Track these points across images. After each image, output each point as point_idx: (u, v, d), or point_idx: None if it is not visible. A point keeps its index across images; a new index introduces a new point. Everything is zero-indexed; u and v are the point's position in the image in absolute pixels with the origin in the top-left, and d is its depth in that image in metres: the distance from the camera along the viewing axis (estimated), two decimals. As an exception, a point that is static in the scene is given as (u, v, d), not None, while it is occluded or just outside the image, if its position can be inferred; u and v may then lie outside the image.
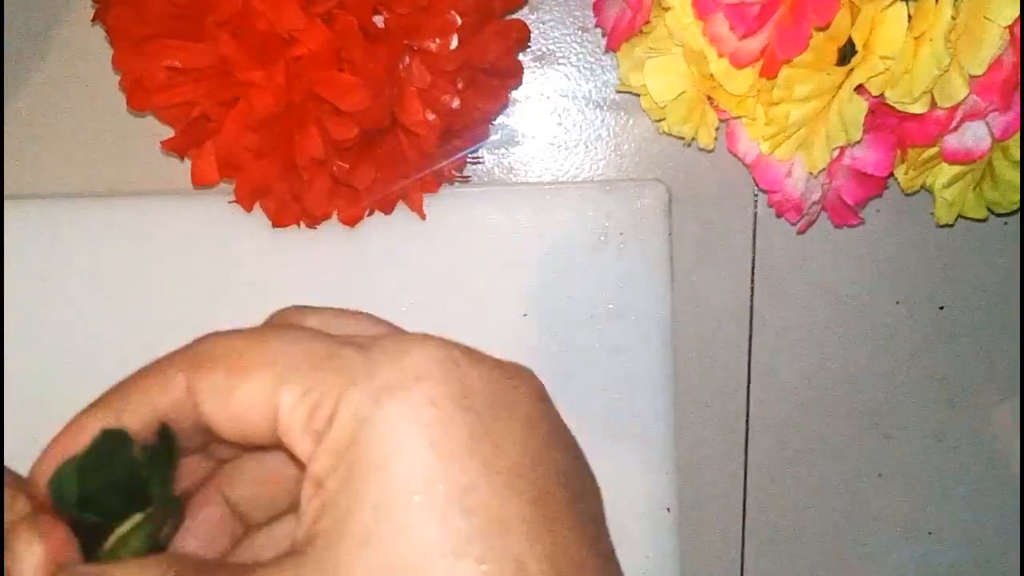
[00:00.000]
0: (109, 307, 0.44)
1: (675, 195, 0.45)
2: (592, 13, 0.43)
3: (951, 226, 0.44)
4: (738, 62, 0.37)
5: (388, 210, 0.43)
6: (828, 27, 0.35)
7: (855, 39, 0.35)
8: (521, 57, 0.44)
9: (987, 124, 0.38)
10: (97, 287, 0.44)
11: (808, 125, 0.38)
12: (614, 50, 0.42)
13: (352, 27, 0.36)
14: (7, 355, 0.44)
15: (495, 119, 0.44)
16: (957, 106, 0.37)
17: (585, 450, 0.24)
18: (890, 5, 0.34)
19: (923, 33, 0.35)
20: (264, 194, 0.41)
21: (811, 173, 0.40)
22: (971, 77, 0.35)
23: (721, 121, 0.41)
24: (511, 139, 0.45)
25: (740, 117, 0.40)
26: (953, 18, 0.34)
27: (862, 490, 0.47)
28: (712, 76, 0.38)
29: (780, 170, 0.40)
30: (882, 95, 0.36)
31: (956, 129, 0.38)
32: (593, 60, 0.45)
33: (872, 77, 0.36)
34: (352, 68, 0.37)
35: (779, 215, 0.42)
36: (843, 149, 0.39)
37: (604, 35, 0.42)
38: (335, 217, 0.43)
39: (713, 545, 0.47)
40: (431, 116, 0.39)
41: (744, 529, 0.47)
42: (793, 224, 0.42)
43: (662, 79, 0.40)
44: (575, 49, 0.45)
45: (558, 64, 0.45)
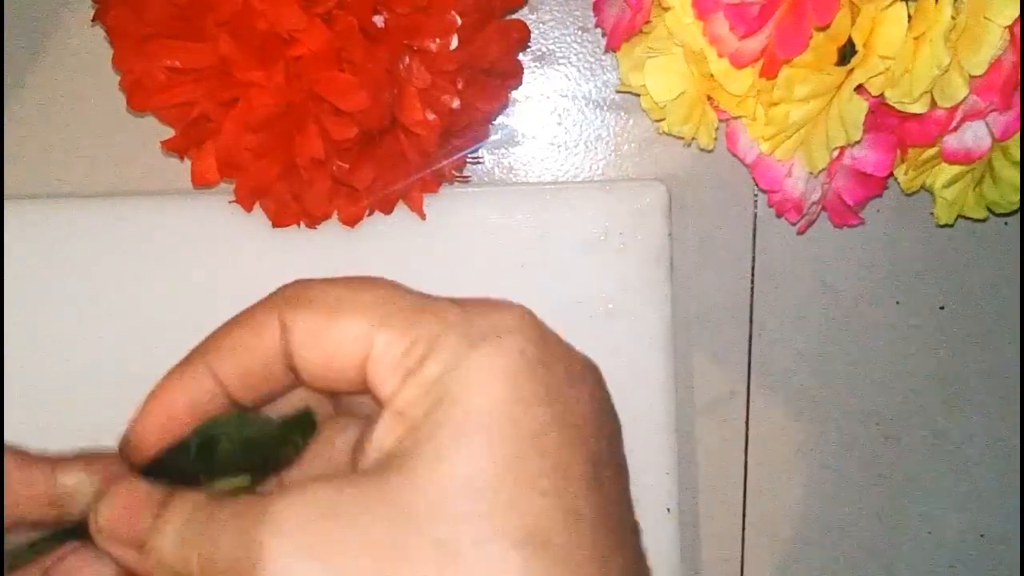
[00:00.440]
0: (109, 307, 0.44)
1: (675, 195, 0.44)
2: (592, 13, 0.43)
3: (951, 226, 0.44)
4: (738, 62, 0.37)
5: (388, 210, 0.43)
6: (828, 27, 0.35)
7: (855, 39, 0.35)
8: (521, 57, 0.44)
9: (987, 124, 0.38)
10: (97, 287, 0.44)
11: (808, 125, 0.38)
12: (614, 50, 0.42)
13: (352, 27, 0.36)
14: (7, 355, 0.44)
15: (495, 119, 0.44)
16: (957, 106, 0.36)
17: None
18: (890, 5, 0.34)
19: (923, 33, 0.34)
20: (264, 194, 0.41)
21: (811, 173, 0.40)
22: (971, 77, 0.35)
23: (721, 121, 0.41)
24: (511, 139, 0.45)
25: (740, 117, 0.40)
26: (953, 18, 0.34)
27: (862, 490, 0.47)
28: (712, 76, 0.38)
29: (780, 170, 0.40)
30: (882, 95, 0.36)
31: (956, 129, 0.38)
32: (593, 60, 0.45)
33: (872, 77, 0.36)
34: (352, 68, 0.37)
35: (779, 215, 0.42)
36: (843, 149, 0.39)
37: (604, 35, 0.42)
38: (335, 217, 0.43)
39: (713, 545, 0.47)
40: (431, 116, 0.39)
41: (744, 529, 0.47)
42: (793, 224, 0.42)
43: (662, 79, 0.40)
44: (575, 49, 0.45)
45: (558, 64, 0.45)
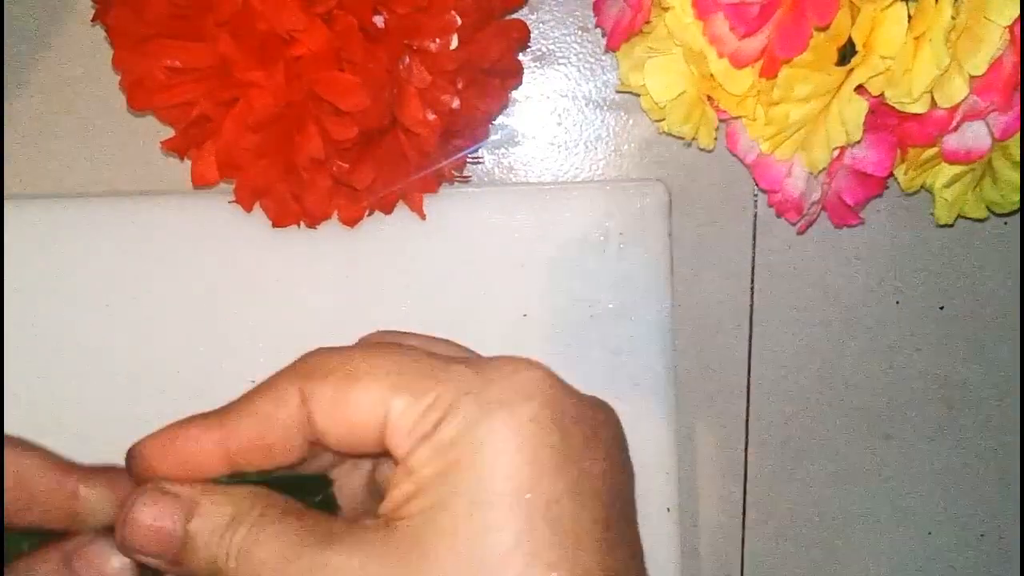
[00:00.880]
0: (109, 307, 0.44)
1: (675, 195, 0.44)
2: (592, 13, 0.43)
3: (951, 226, 0.44)
4: (738, 62, 0.37)
5: (388, 210, 0.43)
6: (828, 27, 0.35)
7: (855, 39, 0.35)
8: (521, 57, 0.44)
9: (987, 124, 0.38)
10: (97, 287, 0.44)
11: (808, 125, 0.38)
12: (614, 50, 0.42)
13: (352, 27, 0.36)
14: (7, 355, 0.43)
15: (495, 119, 0.44)
16: (957, 106, 0.36)
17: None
18: (890, 5, 0.34)
19: (923, 33, 0.34)
20: (264, 194, 0.41)
21: (811, 173, 0.39)
22: (971, 77, 0.35)
23: (721, 121, 0.41)
24: (511, 139, 0.45)
25: (740, 117, 0.40)
26: (953, 18, 0.34)
27: (862, 490, 0.47)
28: (712, 76, 0.38)
29: (780, 170, 0.40)
30: (882, 95, 0.36)
31: (956, 129, 0.38)
32: (593, 60, 0.45)
33: (872, 77, 0.36)
34: (352, 68, 0.37)
35: (779, 215, 0.42)
36: (843, 149, 0.39)
37: (604, 35, 0.42)
38: (335, 217, 0.43)
39: (713, 545, 0.47)
40: (431, 116, 0.39)
41: (744, 529, 0.47)
42: (793, 224, 0.42)
43: (662, 79, 0.40)
44: (575, 49, 0.45)
45: (558, 64, 0.45)
